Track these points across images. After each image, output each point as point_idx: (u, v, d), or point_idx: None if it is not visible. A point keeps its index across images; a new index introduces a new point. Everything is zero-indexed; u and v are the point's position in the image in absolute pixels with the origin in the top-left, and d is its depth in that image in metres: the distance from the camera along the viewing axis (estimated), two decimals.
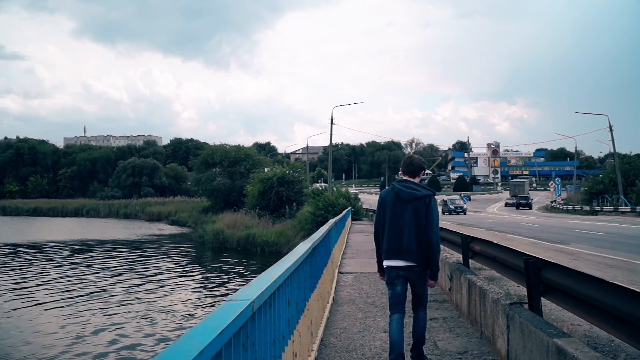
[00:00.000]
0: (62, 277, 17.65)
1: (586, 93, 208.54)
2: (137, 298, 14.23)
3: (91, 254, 25.16)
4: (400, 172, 4.32)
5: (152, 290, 15.37)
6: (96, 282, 16.78)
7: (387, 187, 4.63)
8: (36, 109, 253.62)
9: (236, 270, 19.76)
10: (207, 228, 31.02)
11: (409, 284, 4.10)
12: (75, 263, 21.53)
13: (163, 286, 16.24)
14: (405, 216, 3.99)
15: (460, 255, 6.83)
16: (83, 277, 17.89)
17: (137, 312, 12.49)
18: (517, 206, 52.18)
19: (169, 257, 24.17)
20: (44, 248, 27.36)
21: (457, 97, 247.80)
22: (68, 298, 14.15)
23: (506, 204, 61.59)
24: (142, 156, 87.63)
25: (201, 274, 19.57)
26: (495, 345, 4.44)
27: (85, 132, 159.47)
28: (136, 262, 21.72)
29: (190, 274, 19.37)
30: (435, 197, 4.15)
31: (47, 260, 22.22)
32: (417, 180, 4.16)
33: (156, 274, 18.59)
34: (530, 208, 51.01)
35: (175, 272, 19.65)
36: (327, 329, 5.41)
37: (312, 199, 28.39)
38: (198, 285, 16.86)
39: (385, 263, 4.11)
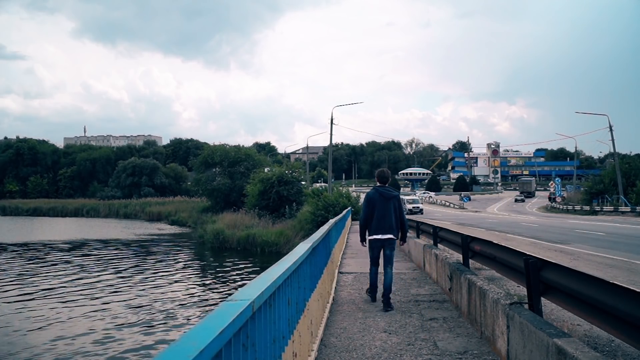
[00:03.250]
0: (60, 277, 17.65)
1: (586, 93, 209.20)
2: (136, 297, 14.23)
3: (90, 253, 25.15)
4: (376, 180, 6.82)
5: (152, 290, 15.37)
6: (95, 282, 16.78)
7: (369, 191, 6.82)
8: (36, 109, 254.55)
9: (236, 270, 19.76)
10: (207, 228, 31.01)
11: (382, 249, 6.57)
12: (74, 263, 21.52)
13: (162, 286, 16.24)
14: (389, 208, 6.51)
15: (460, 255, 6.83)
16: (82, 276, 17.89)
17: (137, 311, 12.49)
18: (523, 200, 69.34)
19: (169, 257, 24.18)
20: (43, 248, 27.34)
21: (457, 97, 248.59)
22: (66, 298, 14.15)
23: (515, 200, 68.79)
24: (142, 156, 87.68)
25: (201, 274, 19.57)
26: (495, 345, 4.44)
27: (85, 132, 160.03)
28: (135, 262, 21.72)
29: (190, 274, 19.37)
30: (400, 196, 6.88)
31: (46, 260, 22.22)
32: (386, 185, 6.72)
33: (155, 274, 18.58)
34: (534, 196, 75.74)
35: (175, 272, 19.65)
36: (327, 329, 5.41)
37: (312, 199, 28.37)
38: (198, 285, 16.86)
39: (373, 236, 6.52)
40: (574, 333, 4.41)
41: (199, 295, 14.99)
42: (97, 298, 14.21)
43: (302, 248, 3.61)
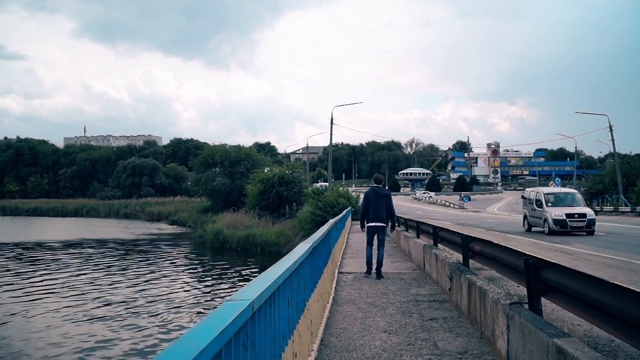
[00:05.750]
0: (59, 278, 17.63)
1: (586, 93, 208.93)
2: (135, 298, 14.22)
3: (90, 254, 25.15)
4: (372, 182, 9.16)
5: (151, 290, 15.36)
6: (94, 282, 16.77)
7: (367, 190, 9.08)
8: (37, 109, 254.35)
9: (236, 270, 19.76)
10: (207, 228, 30.98)
11: (376, 235, 8.83)
12: (73, 263, 21.51)
13: (162, 286, 16.23)
14: (381, 203, 8.73)
15: (460, 255, 6.83)
16: (81, 277, 17.88)
17: (136, 312, 12.48)
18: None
19: (169, 257, 24.16)
20: (43, 248, 27.34)
21: (457, 97, 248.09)
22: (65, 298, 14.14)
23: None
24: (142, 156, 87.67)
25: (201, 274, 19.55)
26: (495, 345, 4.44)
27: (85, 132, 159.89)
28: (135, 262, 21.71)
29: (189, 274, 19.37)
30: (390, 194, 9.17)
31: (45, 260, 22.20)
32: (381, 185, 9.00)
33: (155, 274, 18.57)
34: None
35: (175, 272, 19.64)
36: (327, 329, 5.41)
37: (312, 199, 28.36)
38: (198, 285, 16.85)
39: (369, 224, 8.77)
40: (574, 333, 4.40)
41: (199, 295, 14.99)
42: (96, 298, 14.20)
43: (302, 248, 3.62)
